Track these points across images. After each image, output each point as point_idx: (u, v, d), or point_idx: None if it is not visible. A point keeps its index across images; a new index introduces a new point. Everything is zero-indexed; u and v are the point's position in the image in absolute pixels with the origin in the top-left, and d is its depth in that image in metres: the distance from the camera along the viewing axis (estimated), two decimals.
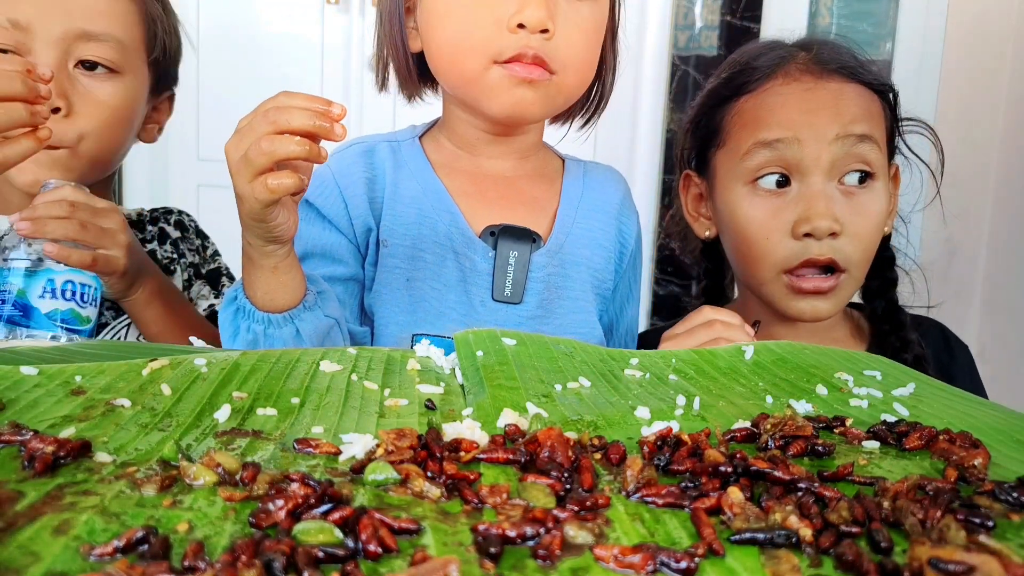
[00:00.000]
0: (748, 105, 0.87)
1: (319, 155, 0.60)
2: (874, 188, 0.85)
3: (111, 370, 0.46)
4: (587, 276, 0.84)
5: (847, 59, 0.89)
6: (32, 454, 0.33)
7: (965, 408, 0.50)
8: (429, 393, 0.48)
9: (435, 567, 0.26)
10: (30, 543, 0.27)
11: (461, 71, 0.76)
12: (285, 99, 0.60)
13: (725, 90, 0.90)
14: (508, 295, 0.79)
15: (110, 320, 0.86)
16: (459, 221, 0.80)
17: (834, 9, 2.07)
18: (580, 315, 0.83)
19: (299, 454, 0.37)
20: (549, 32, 0.72)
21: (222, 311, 0.71)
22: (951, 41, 2.07)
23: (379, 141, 0.84)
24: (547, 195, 0.85)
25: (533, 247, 0.80)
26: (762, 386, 0.53)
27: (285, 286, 0.67)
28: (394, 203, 0.80)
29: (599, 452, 0.39)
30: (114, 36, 0.82)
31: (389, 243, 0.79)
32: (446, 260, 0.79)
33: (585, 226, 0.85)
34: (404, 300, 0.79)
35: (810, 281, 0.84)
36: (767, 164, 0.84)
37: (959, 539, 0.29)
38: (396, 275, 0.79)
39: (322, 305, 0.70)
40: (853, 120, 0.84)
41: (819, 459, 0.40)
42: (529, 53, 0.72)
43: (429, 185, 0.81)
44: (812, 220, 0.81)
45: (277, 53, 2.04)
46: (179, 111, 1.01)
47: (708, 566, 0.29)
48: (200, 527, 0.29)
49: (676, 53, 1.98)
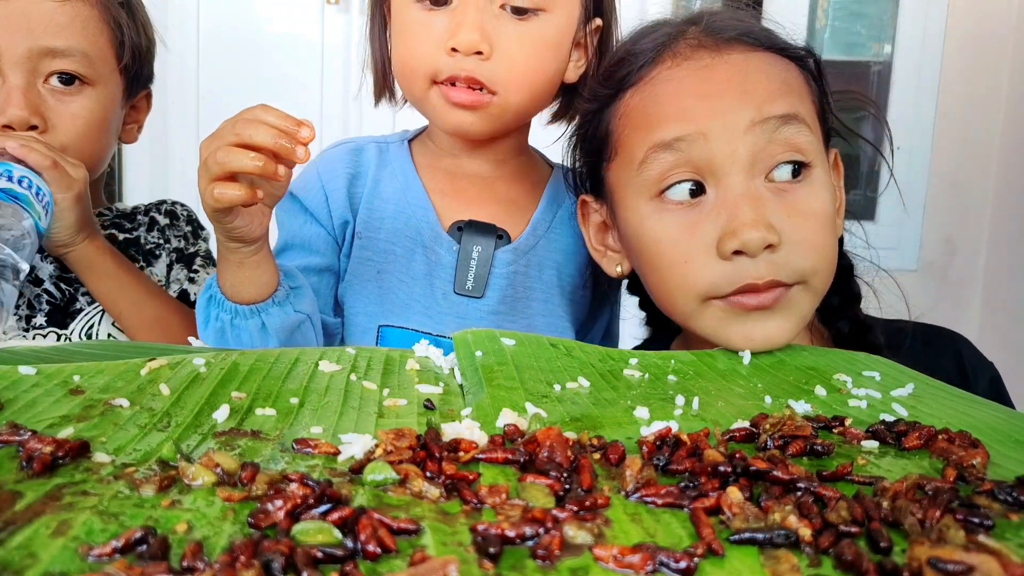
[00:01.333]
0: (635, 101, 0.69)
1: (275, 172, 0.61)
2: (812, 180, 0.66)
3: (110, 370, 0.46)
4: (557, 283, 0.84)
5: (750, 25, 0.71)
6: (30, 454, 0.33)
7: (964, 408, 0.50)
8: (428, 393, 0.48)
9: (434, 567, 0.26)
10: (29, 543, 0.27)
11: (409, 89, 0.81)
12: (259, 112, 0.62)
13: (605, 88, 0.72)
14: (470, 289, 0.80)
15: (84, 306, 0.86)
16: (430, 216, 0.82)
17: (833, 10, 2.07)
18: (549, 319, 0.84)
19: (298, 454, 0.37)
20: (484, 54, 0.74)
21: (200, 297, 0.73)
22: (951, 41, 2.07)
23: (369, 142, 0.87)
24: (526, 198, 0.86)
25: (498, 243, 0.82)
26: (761, 387, 0.53)
27: (251, 281, 0.69)
28: (373, 198, 0.83)
29: (598, 452, 0.39)
30: (79, 49, 0.83)
31: (364, 235, 0.82)
32: (415, 253, 0.81)
33: (561, 233, 0.85)
34: (373, 291, 0.81)
35: (752, 297, 0.63)
36: (671, 170, 0.65)
37: (958, 539, 0.29)
38: (368, 267, 0.82)
39: (293, 301, 0.72)
40: (768, 98, 0.65)
41: (818, 459, 0.40)
42: (462, 75, 0.75)
43: (409, 183, 0.84)
44: (739, 233, 0.62)
45: (277, 53, 2.04)
46: (179, 111, 1.01)
47: (707, 566, 0.29)
48: (199, 527, 0.29)
49: None
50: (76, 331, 0.85)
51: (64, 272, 0.87)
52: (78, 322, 0.85)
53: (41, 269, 0.86)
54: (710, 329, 0.65)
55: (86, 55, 0.83)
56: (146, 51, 0.93)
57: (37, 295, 0.85)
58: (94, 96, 0.84)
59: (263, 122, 0.61)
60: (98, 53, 0.85)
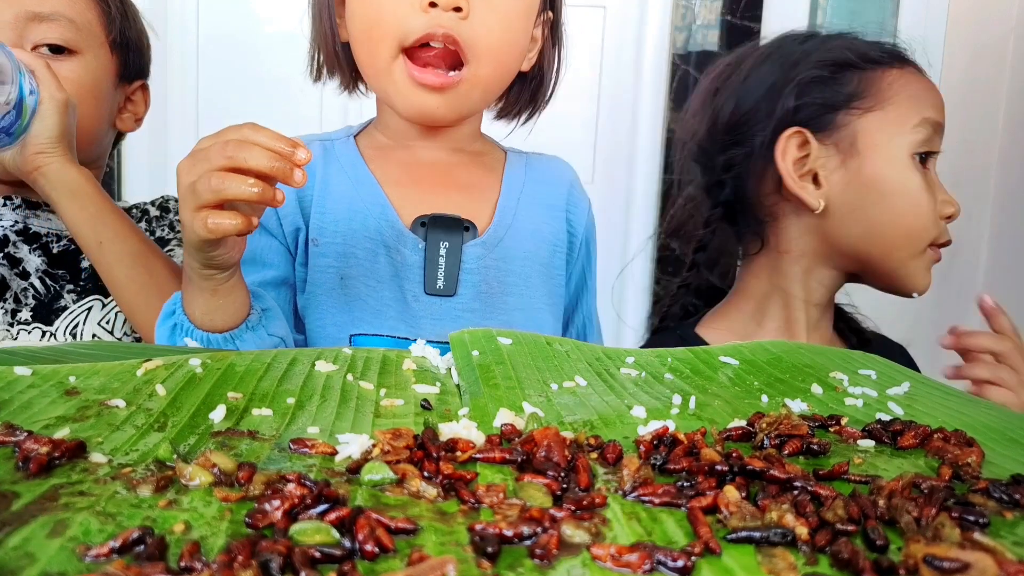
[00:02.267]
0: (906, 76, 0.85)
1: (273, 198, 0.57)
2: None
3: (105, 371, 0.46)
4: (533, 271, 0.81)
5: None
6: (27, 455, 0.33)
7: (959, 407, 0.50)
8: (425, 393, 0.48)
9: (432, 567, 0.26)
10: (25, 544, 0.27)
11: (373, 59, 0.74)
12: (249, 132, 0.57)
13: (875, 52, 0.87)
14: (441, 288, 0.76)
15: (70, 303, 0.86)
16: (389, 213, 0.77)
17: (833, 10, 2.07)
18: (528, 312, 0.80)
19: (295, 454, 0.37)
20: (463, 11, 0.70)
21: (159, 326, 0.67)
22: (951, 41, 2.07)
23: (312, 140, 0.82)
24: (486, 182, 0.83)
25: (466, 236, 0.78)
26: (757, 385, 0.53)
27: (225, 308, 0.65)
28: (324, 200, 0.78)
29: (595, 451, 0.39)
30: (64, 15, 0.84)
31: (320, 241, 0.76)
32: (378, 255, 0.76)
33: (528, 218, 0.82)
34: (339, 300, 0.76)
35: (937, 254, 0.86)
36: (932, 142, 0.84)
37: (954, 537, 0.30)
38: (329, 274, 0.76)
39: (266, 324, 0.68)
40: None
41: (815, 458, 0.40)
42: (439, 32, 0.70)
43: (360, 178, 0.79)
44: (954, 205, 0.85)
45: (277, 53, 2.04)
46: (179, 111, 1.02)
47: (705, 565, 0.29)
48: (196, 528, 0.29)
49: (676, 53, 1.98)
50: (61, 329, 0.85)
51: (51, 268, 0.86)
52: (63, 320, 0.85)
53: (28, 262, 0.86)
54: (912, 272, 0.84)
55: (72, 22, 0.84)
56: (137, 40, 0.94)
57: (24, 288, 0.85)
58: (81, 63, 0.85)
59: (256, 143, 0.56)
60: (84, 23, 0.86)
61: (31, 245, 0.86)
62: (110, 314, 0.87)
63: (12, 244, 0.86)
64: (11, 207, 0.87)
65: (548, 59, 0.84)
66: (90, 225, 0.78)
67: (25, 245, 0.86)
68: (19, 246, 0.86)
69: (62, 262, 0.88)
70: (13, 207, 0.87)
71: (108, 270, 0.79)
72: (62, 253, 0.88)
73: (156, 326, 0.68)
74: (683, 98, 1.99)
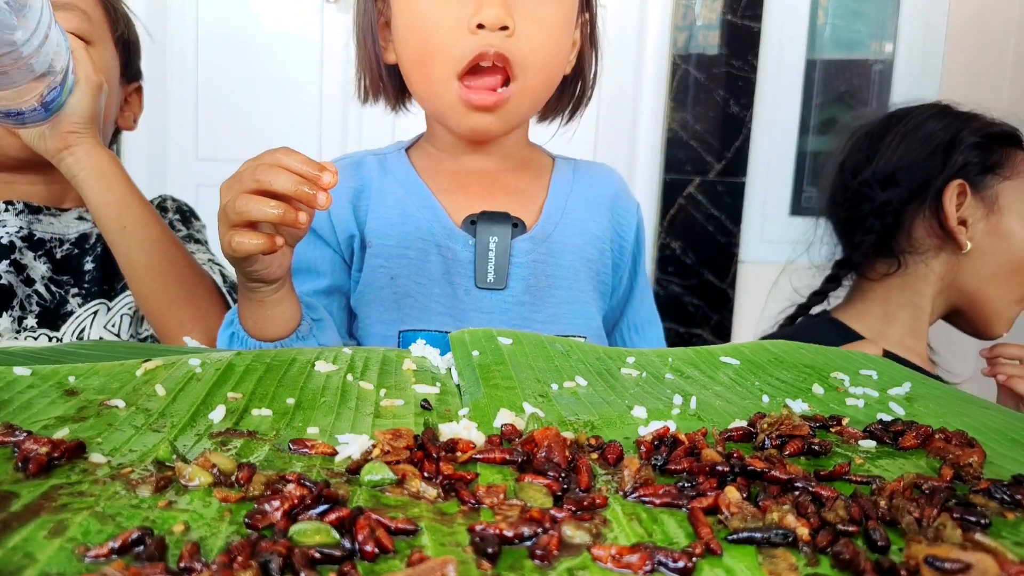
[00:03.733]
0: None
1: (295, 220, 0.59)
2: None
3: (105, 371, 0.46)
4: (581, 266, 0.83)
5: None
6: (26, 455, 0.33)
7: (960, 407, 0.50)
8: (425, 393, 0.48)
9: (432, 567, 0.26)
10: (25, 545, 0.27)
11: (426, 84, 0.77)
12: (280, 156, 0.59)
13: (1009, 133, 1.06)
14: (491, 281, 0.79)
15: (75, 308, 0.86)
16: (440, 215, 0.80)
17: (834, 8, 2.07)
18: (575, 305, 0.82)
19: (295, 455, 0.37)
20: (509, 29, 0.72)
21: (221, 332, 0.71)
22: (952, 41, 2.07)
23: (366, 155, 0.86)
24: (533, 187, 0.85)
25: (515, 231, 0.80)
26: (758, 385, 0.53)
27: (274, 319, 0.68)
28: (379, 207, 0.81)
29: (596, 452, 0.39)
30: (78, 6, 0.85)
31: (374, 243, 0.80)
32: (429, 254, 0.79)
33: (576, 217, 0.84)
34: (388, 298, 0.79)
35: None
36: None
37: (955, 537, 0.29)
38: (380, 274, 0.79)
39: (317, 334, 0.71)
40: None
41: (816, 458, 0.40)
42: (490, 52, 0.72)
43: (412, 187, 0.82)
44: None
45: (277, 53, 2.04)
46: (179, 111, 1.02)
47: (706, 565, 0.29)
48: (196, 528, 0.29)
49: (676, 53, 1.98)
50: (68, 333, 0.85)
51: (56, 274, 0.86)
52: (69, 325, 0.85)
53: (33, 269, 0.86)
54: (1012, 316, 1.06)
55: (86, 13, 0.85)
56: (135, 41, 0.95)
57: (28, 295, 0.85)
58: (98, 54, 0.86)
59: (284, 167, 0.58)
60: (95, 16, 0.87)
61: (36, 251, 0.86)
62: (115, 317, 0.87)
63: (18, 251, 0.85)
64: (13, 212, 0.87)
65: (587, 60, 0.86)
66: (115, 208, 0.79)
67: (30, 252, 0.86)
68: (24, 252, 0.86)
69: (66, 267, 0.88)
70: (16, 212, 0.87)
71: (128, 256, 0.80)
72: (66, 257, 0.88)
73: (219, 332, 0.72)
74: (683, 98, 1.99)
